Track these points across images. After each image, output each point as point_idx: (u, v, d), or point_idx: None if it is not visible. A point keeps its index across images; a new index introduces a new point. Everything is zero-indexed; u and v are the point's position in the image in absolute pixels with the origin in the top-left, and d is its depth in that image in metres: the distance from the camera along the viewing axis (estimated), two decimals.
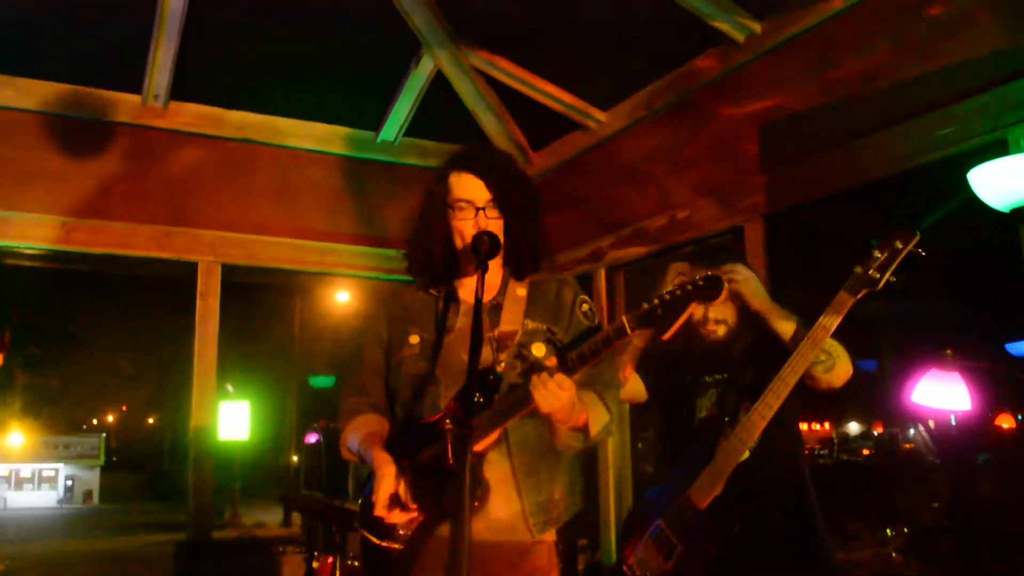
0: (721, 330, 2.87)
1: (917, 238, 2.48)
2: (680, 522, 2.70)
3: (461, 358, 2.25)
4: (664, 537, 2.73)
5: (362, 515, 2.34)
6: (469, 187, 2.31)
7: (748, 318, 2.84)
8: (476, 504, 2.14)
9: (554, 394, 2.03)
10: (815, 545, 2.77)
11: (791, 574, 2.69)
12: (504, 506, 2.22)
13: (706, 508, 2.64)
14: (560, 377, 2.04)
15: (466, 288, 2.41)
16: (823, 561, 2.78)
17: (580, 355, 2.10)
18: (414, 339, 2.38)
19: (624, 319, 2.03)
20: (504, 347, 2.25)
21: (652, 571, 2.74)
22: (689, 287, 1.96)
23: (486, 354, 2.24)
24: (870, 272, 2.48)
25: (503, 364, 2.21)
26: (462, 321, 2.35)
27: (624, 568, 2.84)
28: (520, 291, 2.38)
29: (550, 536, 2.31)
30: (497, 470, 2.22)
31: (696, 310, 2.85)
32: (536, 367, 2.10)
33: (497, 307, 2.35)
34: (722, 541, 2.63)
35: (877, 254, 2.49)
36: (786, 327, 2.70)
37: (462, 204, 2.30)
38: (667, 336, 2.01)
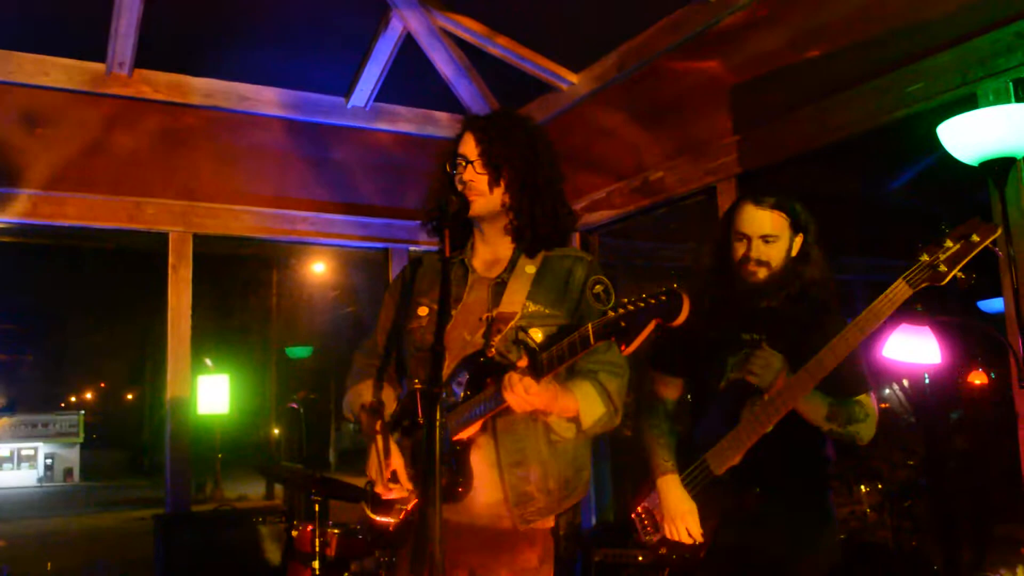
0: (762, 272, 2.64)
1: (998, 232, 2.22)
2: (692, 485, 2.67)
3: (462, 335, 2.23)
4: None
5: (365, 489, 2.33)
6: (465, 143, 2.30)
7: (794, 263, 2.66)
8: (460, 491, 2.12)
9: (522, 397, 1.99)
10: (824, 525, 2.68)
11: (794, 550, 2.58)
12: (489, 493, 2.18)
13: (720, 475, 2.59)
14: (527, 381, 1.98)
15: (478, 256, 2.37)
16: (829, 537, 2.69)
17: (550, 357, 2.01)
18: (423, 311, 2.33)
19: (589, 327, 1.93)
20: (498, 330, 2.18)
21: (657, 525, 2.73)
22: (652, 301, 1.84)
23: (478, 336, 2.22)
24: (938, 264, 2.22)
25: (493, 349, 2.16)
26: (469, 295, 2.30)
27: (632, 516, 2.81)
28: (529, 268, 2.29)
29: (543, 524, 2.24)
30: (483, 456, 2.18)
31: (738, 248, 2.68)
32: (508, 366, 2.05)
33: (501, 284, 2.28)
34: (733, 513, 2.59)
35: (949, 244, 2.22)
36: (816, 408, 2.49)
37: (459, 160, 2.28)
38: (629, 351, 1.89)
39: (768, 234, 2.64)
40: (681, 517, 2.64)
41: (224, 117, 4.84)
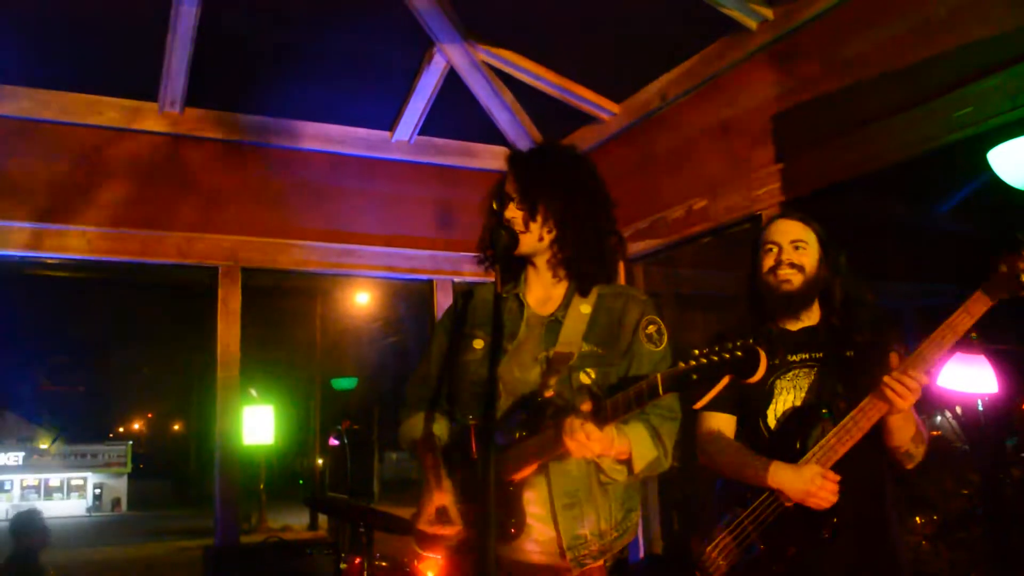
0: (797, 279, 2.53)
1: None
2: (763, 519, 2.49)
3: (516, 372, 2.22)
4: (743, 530, 2.53)
5: (412, 524, 2.31)
6: (508, 179, 2.31)
7: (826, 266, 2.57)
8: (513, 532, 2.11)
9: (583, 443, 1.95)
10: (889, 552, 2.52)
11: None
12: (542, 532, 2.16)
13: (795, 507, 2.43)
14: (589, 427, 1.95)
15: (532, 292, 2.35)
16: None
17: (615, 405, 1.97)
18: (479, 343, 2.32)
19: (659, 378, 1.90)
20: (555, 371, 2.17)
21: (726, 561, 2.55)
22: (727, 356, 1.80)
23: (535, 375, 2.20)
24: (1019, 275, 2.07)
25: (551, 390, 2.14)
26: (525, 332, 2.29)
27: (693, 557, 2.63)
28: (584, 308, 2.27)
29: (596, 563, 2.18)
30: (536, 497, 2.17)
31: (767, 259, 2.60)
32: (570, 410, 2.02)
33: (556, 323, 2.26)
34: (807, 544, 2.43)
35: None
36: (907, 426, 2.36)
37: (505, 196, 2.30)
38: (699, 406, 1.88)
39: (798, 239, 2.58)
40: (817, 485, 2.37)
41: (271, 152, 4.93)
